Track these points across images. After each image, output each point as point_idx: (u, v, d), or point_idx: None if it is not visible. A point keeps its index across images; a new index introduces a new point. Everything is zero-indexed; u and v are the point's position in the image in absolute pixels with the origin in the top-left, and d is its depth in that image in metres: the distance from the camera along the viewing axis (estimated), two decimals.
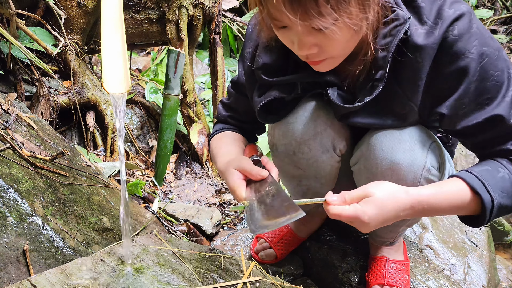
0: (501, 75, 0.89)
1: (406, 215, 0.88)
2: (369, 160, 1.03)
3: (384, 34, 0.88)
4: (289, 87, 1.04)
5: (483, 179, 0.88)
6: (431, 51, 0.88)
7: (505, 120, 0.89)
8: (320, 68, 0.92)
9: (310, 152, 1.09)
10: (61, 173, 1.25)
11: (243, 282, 1.03)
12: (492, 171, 0.90)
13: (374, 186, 0.87)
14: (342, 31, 0.80)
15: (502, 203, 0.88)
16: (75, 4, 1.93)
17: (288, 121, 1.07)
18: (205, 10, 2.23)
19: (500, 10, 4.06)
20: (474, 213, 0.91)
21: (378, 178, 1.02)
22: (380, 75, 0.90)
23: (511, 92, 0.89)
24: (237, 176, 0.97)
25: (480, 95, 0.89)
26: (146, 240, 1.11)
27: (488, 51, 0.88)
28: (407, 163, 0.98)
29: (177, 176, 2.24)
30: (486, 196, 0.87)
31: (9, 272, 0.99)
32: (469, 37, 0.86)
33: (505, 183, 0.89)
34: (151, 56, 3.50)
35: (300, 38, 0.83)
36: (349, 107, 0.95)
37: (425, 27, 0.88)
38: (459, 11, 0.86)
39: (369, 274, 1.29)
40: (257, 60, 1.03)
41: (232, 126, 1.23)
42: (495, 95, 0.89)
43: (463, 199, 0.89)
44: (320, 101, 1.05)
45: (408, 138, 0.99)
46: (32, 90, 1.90)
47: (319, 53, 0.86)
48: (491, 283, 1.46)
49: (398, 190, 0.87)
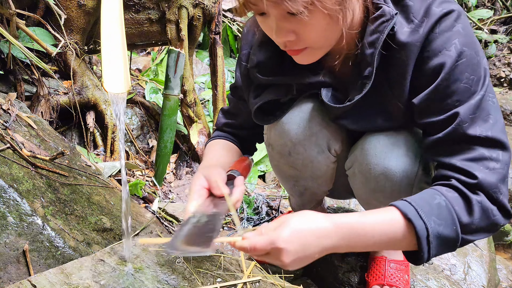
0: (476, 81, 0.85)
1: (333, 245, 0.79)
2: (362, 165, 1.02)
3: (371, 31, 0.88)
4: (284, 89, 1.04)
5: (416, 206, 0.80)
6: (415, 49, 0.87)
7: (460, 120, 0.84)
8: (301, 60, 0.91)
9: (305, 152, 1.09)
10: (61, 173, 1.25)
11: (243, 282, 1.03)
12: (428, 199, 0.83)
13: (291, 215, 0.80)
14: (315, 16, 0.79)
15: (440, 232, 0.80)
16: (75, 4, 1.93)
17: (284, 122, 1.07)
18: (205, 10, 2.23)
19: (500, 10, 4.06)
20: (413, 248, 0.82)
21: (372, 183, 1.02)
22: (368, 72, 0.90)
23: (478, 97, 0.85)
24: (200, 183, 0.97)
25: (449, 96, 0.86)
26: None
27: (467, 52, 0.85)
28: (400, 168, 0.97)
29: (177, 176, 2.24)
30: (419, 223, 0.79)
31: (9, 272, 0.99)
32: (450, 35, 0.85)
33: (441, 210, 0.81)
34: (151, 56, 3.50)
35: (277, 23, 0.83)
36: (340, 107, 0.95)
37: (411, 26, 0.87)
38: (446, 9, 0.86)
39: (369, 274, 1.29)
40: (252, 58, 1.04)
41: (227, 134, 1.24)
42: (464, 99, 0.85)
43: (395, 228, 0.80)
44: (315, 101, 1.05)
45: (401, 143, 0.98)
46: (32, 90, 1.90)
47: (297, 41, 0.85)
48: (491, 283, 1.46)
49: (317, 216, 0.79)
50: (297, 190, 1.22)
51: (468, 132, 0.84)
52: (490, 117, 0.86)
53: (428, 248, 0.80)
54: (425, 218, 0.80)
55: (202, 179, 0.98)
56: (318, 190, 1.21)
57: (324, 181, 1.17)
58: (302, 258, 0.78)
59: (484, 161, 0.84)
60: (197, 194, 0.95)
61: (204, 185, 0.97)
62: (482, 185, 0.83)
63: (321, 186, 1.19)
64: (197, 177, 0.99)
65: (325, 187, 1.20)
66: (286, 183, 1.24)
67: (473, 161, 0.84)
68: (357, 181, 1.07)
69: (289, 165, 1.13)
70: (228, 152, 1.17)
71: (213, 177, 0.96)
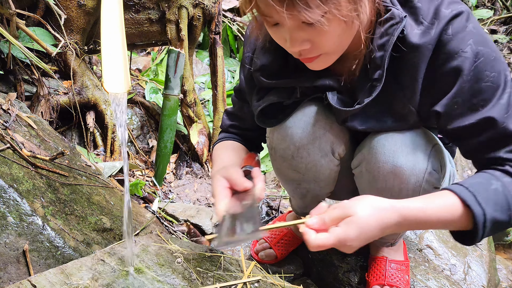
0: (498, 77, 0.86)
1: (392, 231, 0.84)
2: (370, 163, 1.02)
3: (380, 34, 0.88)
4: (288, 91, 1.03)
5: (474, 192, 0.83)
6: (427, 51, 0.87)
7: (497, 123, 0.85)
8: (315, 66, 0.91)
9: (308, 156, 1.08)
10: (61, 173, 1.25)
11: (243, 282, 1.03)
12: (485, 184, 0.85)
13: (355, 204, 0.82)
14: (332, 24, 0.79)
15: (496, 217, 0.82)
16: (75, 4, 1.93)
17: (287, 125, 1.07)
18: (205, 10, 2.23)
19: (500, 10, 4.06)
20: (466, 229, 0.85)
21: (380, 182, 1.01)
22: (378, 75, 0.90)
23: (506, 95, 0.86)
24: (222, 184, 0.98)
25: (474, 96, 0.87)
26: (146, 240, 1.11)
27: (483, 51, 0.86)
28: (409, 166, 0.97)
29: (177, 176, 2.24)
30: (477, 209, 0.81)
31: (9, 272, 0.99)
32: (463, 36, 0.85)
33: (498, 195, 0.83)
34: (151, 56, 3.50)
35: (291, 34, 0.82)
36: (349, 110, 0.95)
37: (421, 27, 0.87)
38: (456, 10, 0.86)
39: (369, 274, 1.29)
40: (255, 62, 1.03)
41: (234, 135, 1.24)
42: (490, 97, 0.86)
43: (453, 213, 0.83)
44: (319, 105, 1.05)
45: (410, 142, 0.98)
46: (32, 90, 1.90)
47: (312, 49, 0.85)
48: (491, 283, 1.46)
49: (382, 206, 0.82)
50: (299, 192, 1.22)
51: (509, 129, 0.86)
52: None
53: (483, 232, 0.83)
54: (484, 205, 0.82)
55: (222, 180, 0.98)
56: (320, 192, 1.20)
57: (327, 184, 1.17)
58: (362, 245, 0.83)
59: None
60: (222, 195, 0.96)
61: (225, 185, 0.98)
62: None
63: (323, 189, 1.18)
64: (217, 179, 0.99)
65: (327, 189, 1.19)
66: (288, 185, 1.23)
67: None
68: (364, 180, 1.06)
69: (292, 168, 1.12)
70: (237, 153, 1.18)
71: (233, 175, 0.98)
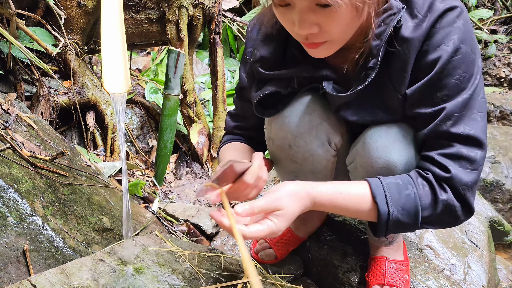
0: (467, 79, 0.88)
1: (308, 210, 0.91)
2: (364, 159, 1.03)
3: (378, 23, 0.89)
4: (285, 82, 1.05)
5: (387, 191, 0.90)
6: (417, 43, 0.89)
7: (446, 118, 0.88)
8: (318, 53, 0.92)
9: (305, 145, 1.09)
10: (61, 173, 1.25)
11: (243, 282, 1.03)
12: (401, 186, 0.91)
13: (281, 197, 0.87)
14: (344, 10, 0.80)
15: (400, 219, 0.89)
16: (75, 4, 1.93)
17: (284, 115, 1.09)
18: (205, 10, 2.23)
19: (500, 10, 4.06)
20: (373, 220, 0.94)
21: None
22: (372, 64, 0.91)
23: (466, 96, 0.88)
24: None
25: (439, 89, 0.89)
26: (146, 240, 1.11)
27: (464, 49, 0.87)
28: (402, 162, 0.98)
29: (177, 176, 2.24)
30: (383, 208, 0.89)
31: (9, 272, 0.99)
32: (450, 30, 0.87)
33: (408, 201, 0.89)
34: (151, 56, 3.50)
35: (301, 15, 0.83)
36: (342, 96, 0.97)
37: (415, 21, 0.89)
38: (449, 5, 0.87)
39: (369, 274, 1.29)
40: (255, 53, 1.05)
41: (238, 136, 1.25)
42: (454, 94, 0.88)
43: (362, 205, 0.91)
44: (316, 95, 1.06)
45: (403, 137, 0.99)
46: (32, 90, 1.90)
47: (319, 34, 0.86)
48: (491, 283, 1.46)
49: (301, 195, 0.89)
50: None
51: (451, 130, 0.89)
52: (475, 116, 0.90)
53: (386, 228, 0.91)
54: (391, 206, 0.89)
55: None
56: None
57: (324, 177, 1.17)
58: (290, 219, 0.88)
59: (461, 160, 0.90)
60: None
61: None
62: (453, 181, 0.90)
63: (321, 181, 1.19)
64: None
65: None
66: (286, 178, 1.23)
67: (450, 157, 0.90)
68: (359, 176, 1.07)
69: (290, 158, 1.13)
70: (244, 153, 1.18)
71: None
